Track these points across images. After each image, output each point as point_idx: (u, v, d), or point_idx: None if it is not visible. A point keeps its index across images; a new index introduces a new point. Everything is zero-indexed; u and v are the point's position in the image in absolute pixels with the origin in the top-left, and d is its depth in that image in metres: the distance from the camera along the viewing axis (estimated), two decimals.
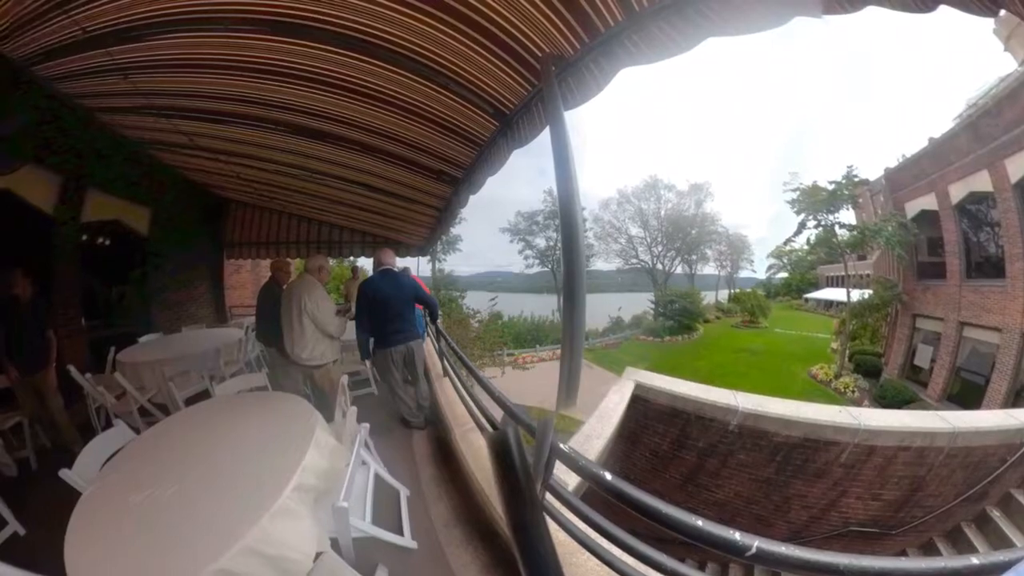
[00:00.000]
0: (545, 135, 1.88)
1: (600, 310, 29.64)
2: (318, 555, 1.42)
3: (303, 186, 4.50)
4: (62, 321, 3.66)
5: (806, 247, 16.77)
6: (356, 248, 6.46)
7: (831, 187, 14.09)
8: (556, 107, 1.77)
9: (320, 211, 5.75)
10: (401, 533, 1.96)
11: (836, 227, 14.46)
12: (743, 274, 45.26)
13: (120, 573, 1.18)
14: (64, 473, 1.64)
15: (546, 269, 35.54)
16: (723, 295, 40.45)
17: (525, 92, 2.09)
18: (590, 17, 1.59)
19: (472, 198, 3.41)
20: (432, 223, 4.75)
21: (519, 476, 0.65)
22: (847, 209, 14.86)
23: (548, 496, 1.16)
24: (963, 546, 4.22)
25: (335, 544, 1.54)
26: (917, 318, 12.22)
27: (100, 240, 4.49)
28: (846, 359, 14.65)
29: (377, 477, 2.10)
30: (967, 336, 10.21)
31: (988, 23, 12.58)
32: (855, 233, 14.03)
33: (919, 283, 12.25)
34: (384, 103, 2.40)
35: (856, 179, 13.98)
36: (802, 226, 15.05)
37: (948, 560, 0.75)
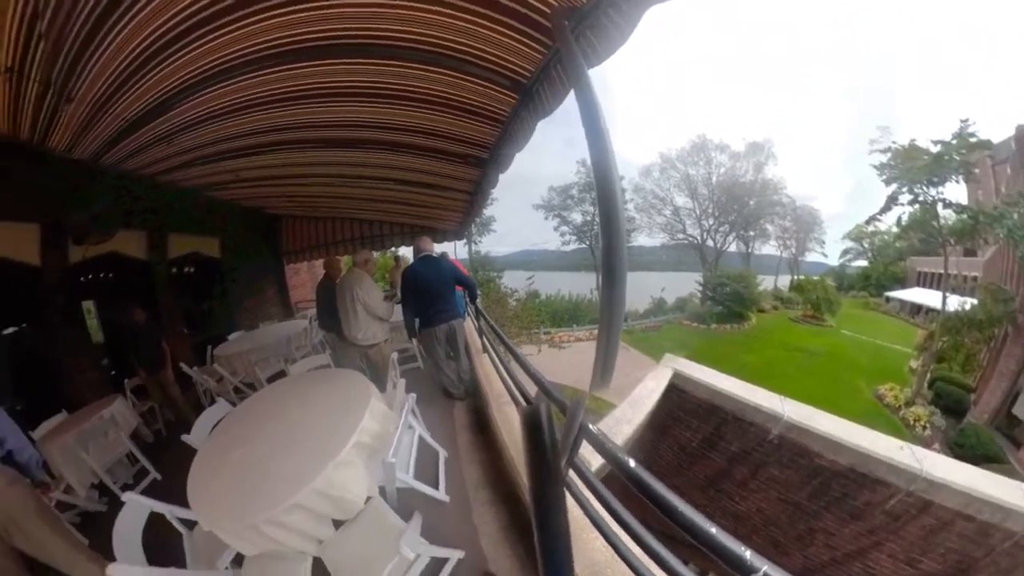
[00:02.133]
0: (570, 100, 1.58)
1: (641, 290, 26.92)
2: (368, 498, 1.71)
3: (341, 192, 4.88)
4: (170, 333, 4.60)
5: (895, 229, 12.82)
6: (396, 239, 6.90)
7: (935, 149, 9.97)
8: (577, 67, 1.45)
9: (359, 211, 6.21)
10: (437, 488, 2.20)
11: (939, 205, 10.39)
12: (810, 258, 36.69)
13: (223, 505, 1.55)
14: (185, 437, 2.16)
15: (584, 246, 32.06)
16: (784, 281, 34.44)
17: (541, 57, 1.83)
18: None
19: (501, 177, 3.24)
20: (464, 207, 4.76)
21: (546, 450, 0.71)
22: (956, 182, 10.40)
23: (571, 473, 1.16)
24: None
25: (382, 491, 1.82)
26: None
27: (186, 270, 5.53)
28: (925, 385, 11.61)
29: (421, 439, 2.37)
30: None
31: None
32: (965, 216, 10.10)
33: None
34: (400, 99, 2.38)
35: (973, 139, 9.75)
36: (892, 201, 11.09)
37: None
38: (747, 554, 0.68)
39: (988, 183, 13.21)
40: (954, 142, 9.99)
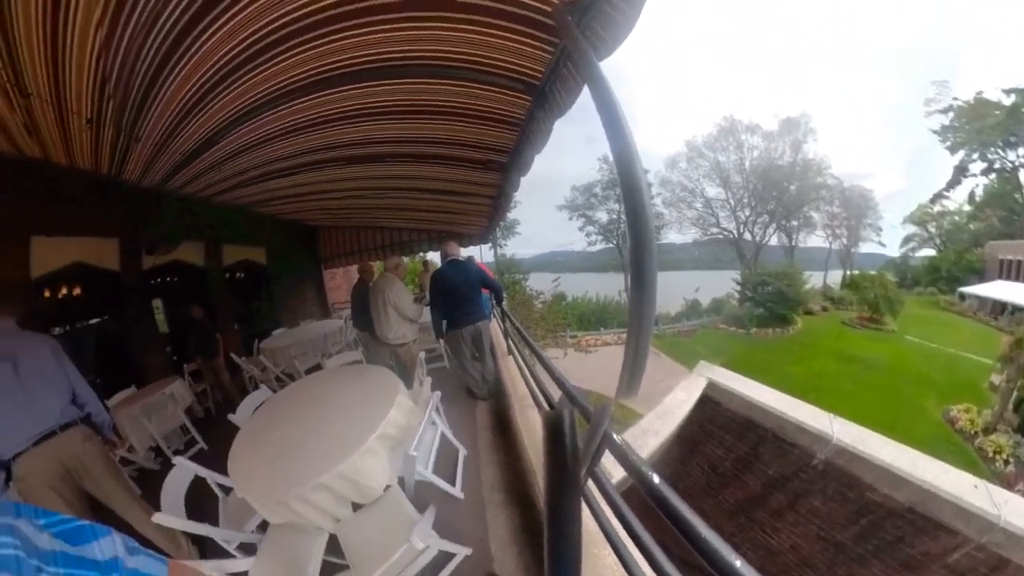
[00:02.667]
0: (585, 96, 1.44)
1: (673, 291, 24.86)
2: (387, 487, 1.80)
3: (371, 203, 5.32)
4: (224, 328, 5.32)
5: (968, 208, 10.50)
6: (424, 245, 7.39)
7: (1011, 100, 8.40)
8: (587, 61, 1.36)
9: (389, 219, 6.68)
10: (453, 484, 2.24)
11: (1022, 172, 8.80)
12: (865, 248, 31.53)
13: (257, 477, 1.71)
14: (230, 416, 2.40)
15: (611, 245, 30.27)
16: (835, 278, 29.71)
17: (549, 56, 1.83)
18: None
19: (523, 180, 3.27)
20: (488, 211, 4.90)
21: (567, 457, 0.71)
22: None
23: (590, 483, 1.09)
24: None
25: (401, 482, 1.89)
26: None
27: (237, 275, 6.35)
28: (1010, 406, 9.51)
29: (442, 436, 2.43)
30: None
31: None
32: None
33: None
34: (418, 113, 2.53)
35: None
36: (961, 171, 9.48)
37: None
38: None
39: None
40: None
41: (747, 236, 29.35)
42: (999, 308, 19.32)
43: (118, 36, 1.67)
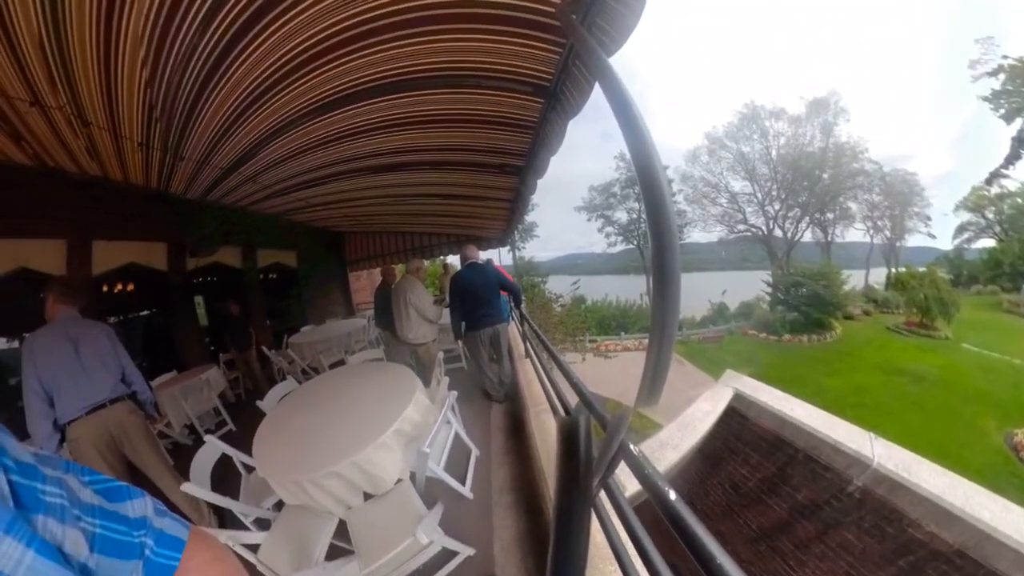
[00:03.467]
0: (598, 94, 1.34)
1: (699, 293, 22.66)
2: (399, 480, 1.86)
3: (393, 209, 5.64)
4: (257, 323, 5.80)
5: None
6: (444, 248, 7.72)
7: None
8: (596, 58, 1.24)
9: (410, 224, 7.08)
10: (464, 484, 2.27)
11: None
12: (912, 241, 27.50)
13: (278, 460, 1.82)
14: (258, 403, 2.59)
15: (632, 246, 28.90)
16: (878, 276, 26.09)
17: (557, 56, 1.82)
18: None
19: (539, 183, 3.26)
20: (506, 215, 4.98)
21: (580, 465, 0.67)
22: None
23: (601, 494, 1.07)
24: None
25: (412, 477, 1.93)
26: None
27: (270, 276, 6.88)
28: None
29: (456, 435, 2.46)
30: None
31: None
32: None
33: None
34: (436, 122, 2.65)
35: None
36: (1021, 143, 7.51)
37: None
38: None
39: None
40: None
41: (778, 232, 26.20)
42: None
43: (160, 69, 1.93)
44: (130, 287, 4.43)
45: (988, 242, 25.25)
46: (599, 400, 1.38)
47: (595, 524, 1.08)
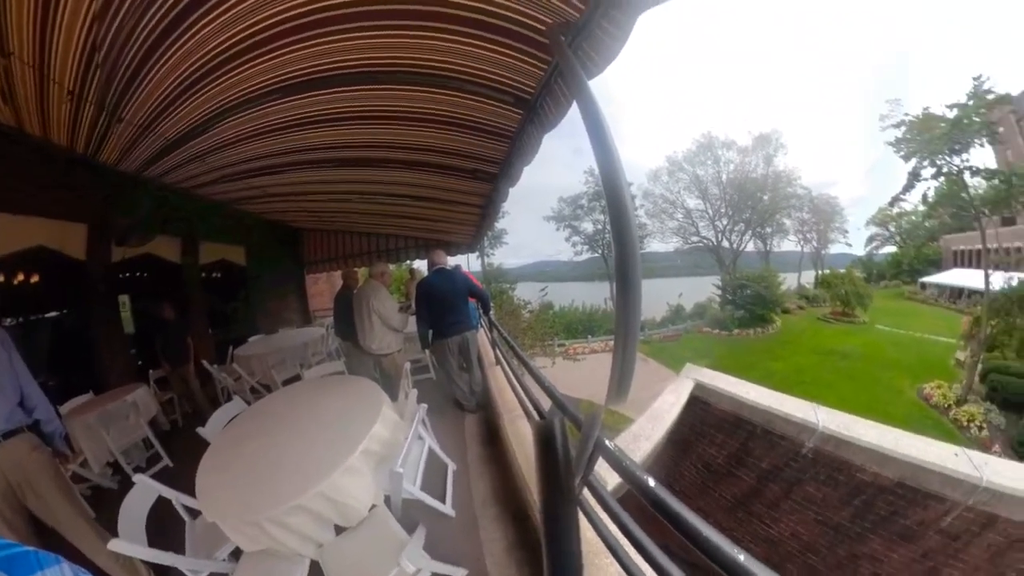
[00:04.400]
0: (574, 111, 1.52)
1: (658, 297, 25.79)
2: (372, 507, 1.70)
3: (359, 208, 5.18)
4: (196, 331, 4.87)
5: (922, 208, 11.78)
6: (411, 252, 7.22)
7: (952, 114, 9.32)
8: (577, 79, 1.45)
9: (376, 225, 6.53)
10: (444, 501, 2.16)
11: (966, 174, 9.60)
12: (834, 249, 34.95)
13: (229, 499, 1.58)
14: (199, 430, 2.23)
15: (596, 255, 32.16)
16: (808, 278, 32.48)
17: (542, 72, 1.92)
18: None
19: (511, 191, 3.32)
20: (476, 221, 4.91)
21: (560, 467, 0.70)
22: (981, 145, 9.53)
23: (585, 491, 1.12)
24: None
25: (387, 501, 1.79)
26: None
27: (214, 274, 5.99)
28: (976, 378, 10.55)
29: (430, 451, 2.34)
30: None
31: None
32: (996, 182, 9.38)
33: None
34: (412, 120, 2.55)
35: (991, 96, 9.04)
36: (914, 177, 10.31)
37: None
38: None
39: (1016, 140, 12.36)
40: (971, 103, 9.24)
41: (725, 243, 31.64)
42: (956, 293, 22.18)
43: (115, 6, 1.57)
44: (35, 278, 3.56)
45: (891, 249, 33.48)
46: (572, 401, 1.43)
47: (583, 521, 1.11)
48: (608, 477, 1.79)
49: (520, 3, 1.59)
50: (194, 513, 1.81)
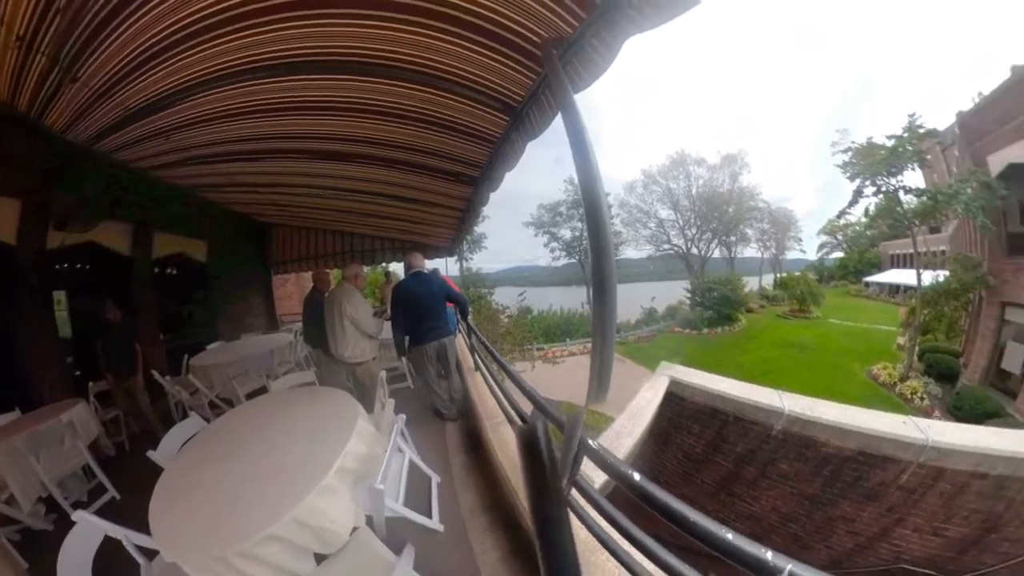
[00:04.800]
0: (558, 122, 1.79)
1: (632, 301, 27.28)
2: (354, 529, 1.57)
3: (333, 204, 4.88)
4: (145, 337, 4.35)
5: (864, 220, 14.23)
6: (387, 254, 6.89)
7: (890, 143, 11.43)
8: (564, 92, 1.66)
9: (351, 224, 6.19)
10: (430, 516, 2.07)
11: (900, 192, 11.74)
12: (790, 255, 39.81)
13: (190, 533, 1.41)
14: (150, 454, 1.99)
15: (574, 260, 34.12)
16: (768, 280, 35.85)
17: (531, 82, 2.00)
18: None
19: (492, 195, 3.41)
20: (456, 224, 4.88)
21: (546, 470, 0.68)
22: (912, 169, 11.71)
23: (573, 492, 1.14)
24: None
25: (370, 521, 1.68)
26: (1007, 307, 9.56)
27: (168, 270, 5.35)
28: (915, 358, 12.22)
29: (411, 464, 2.25)
30: None
31: None
32: (924, 199, 11.45)
33: (1010, 261, 9.45)
34: (395, 117, 2.48)
35: (921, 130, 11.20)
36: (858, 194, 12.38)
37: None
38: (768, 555, 0.67)
39: (940, 166, 15.03)
40: (906, 135, 11.35)
41: (694, 251, 34.86)
42: (894, 290, 26.20)
43: None
44: None
45: (839, 254, 38.64)
46: (553, 404, 1.43)
47: (575, 522, 1.13)
48: (595, 476, 1.85)
49: (517, 13, 1.63)
50: (150, 553, 1.58)
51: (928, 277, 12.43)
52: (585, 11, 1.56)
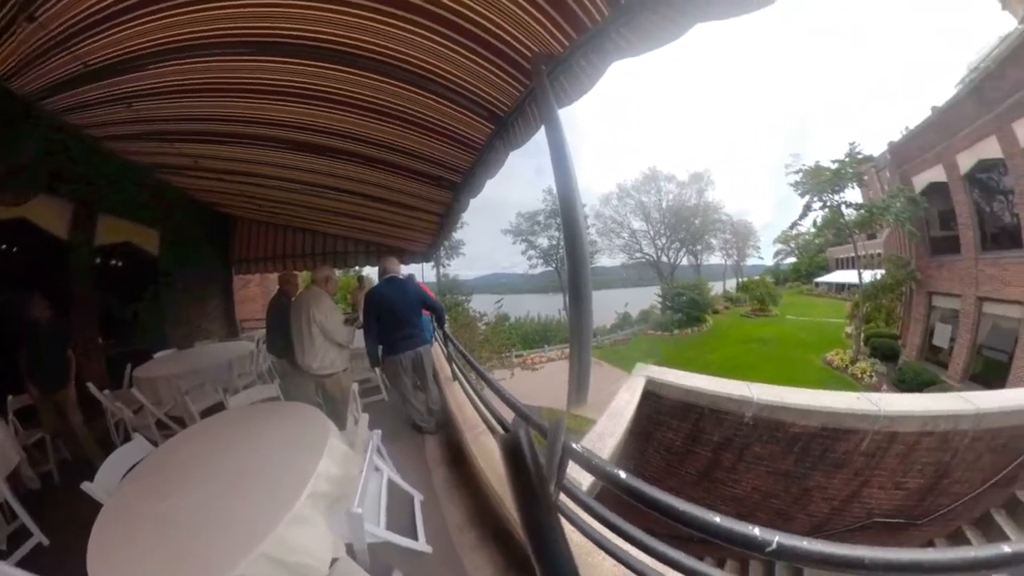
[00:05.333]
0: (541, 135, 1.88)
1: (607, 307, 29.27)
2: (334, 561, 1.44)
3: (306, 200, 4.60)
4: (80, 341, 3.76)
5: (813, 230, 16.38)
6: (361, 258, 6.56)
7: (834, 166, 13.85)
8: (549, 106, 1.76)
9: (324, 223, 5.85)
10: (416, 537, 1.97)
11: (842, 207, 14.14)
12: (750, 262, 44.91)
13: None
14: (86, 486, 1.69)
15: (550, 268, 36.33)
16: (731, 284, 39.95)
17: (518, 93, 2.09)
18: (577, 14, 1.59)
19: (472, 202, 3.44)
20: (434, 229, 4.79)
21: (532, 477, 0.69)
22: (853, 188, 14.53)
23: (562, 496, 1.14)
24: (994, 534, 4.03)
25: (350, 550, 1.55)
26: (933, 296, 11.65)
27: (113, 262, 4.68)
28: (861, 343, 14.15)
29: (390, 482, 2.12)
30: (987, 312, 9.69)
31: None
32: (862, 212, 13.69)
33: (933, 259, 11.62)
34: (379, 114, 2.43)
35: (860, 156, 13.73)
36: (807, 208, 14.85)
37: (978, 549, 0.69)
38: (756, 531, 0.71)
39: (875, 185, 18.21)
40: (847, 159, 13.80)
41: (664, 259, 38.11)
42: (840, 287, 30.17)
43: None
44: None
45: (792, 259, 43.45)
46: (534, 410, 1.42)
47: (567, 526, 1.14)
48: (581, 478, 1.83)
49: (512, 26, 1.68)
50: None
51: (868, 276, 14.67)
52: (576, 32, 1.68)
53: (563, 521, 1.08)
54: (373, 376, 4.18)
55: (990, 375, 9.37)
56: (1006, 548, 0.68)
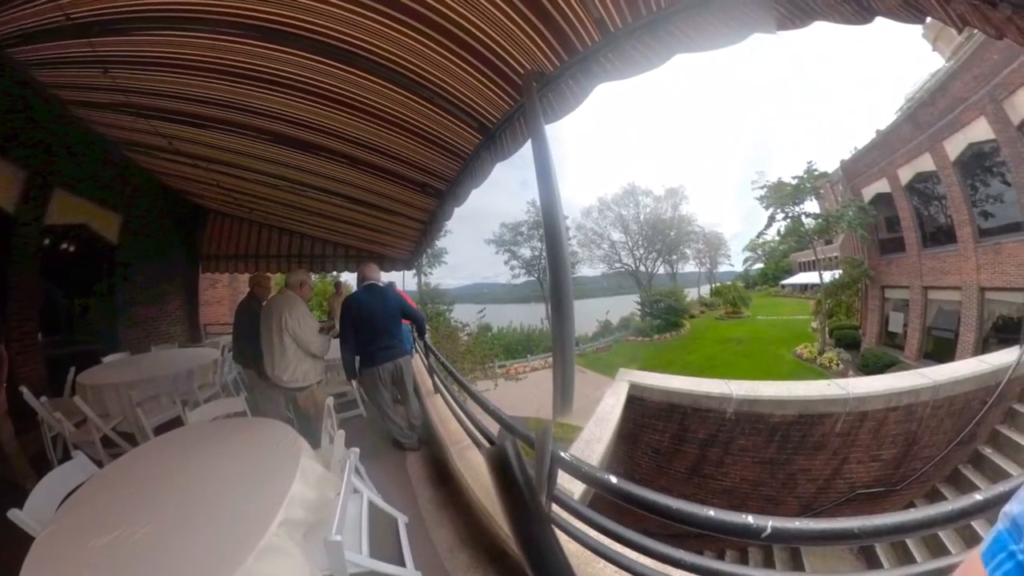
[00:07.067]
0: (527, 148, 2.02)
1: (588, 315, 30.37)
2: None
3: (285, 197, 4.37)
4: (16, 335, 3.35)
5: (777, 238, 18.74)
6: (339, 262, 6.27)
7: (795, 182, 15.94)
8: (537, 121, 1.90)
9: (302, 223, 5.58)
10: (403, 564, 1.85)
11: (802, 217, 16.21)
12: (722, 269, 48.70)
13: None
14: (14, 514, 1.47)
15: (532, 278, 37.10)
16: (705, 290, 43.06)
17: (508, 107, 2.19)
18: (569, 37, 1.72)
19: (456, 210, 3.46)
20: (417, 236, 4.73)
21: (522, 490, 0.64)
22: (811, 200, 17.02)
23: (555, 507, 1.14)
24: (965, 486, 4.47)
25: None
26: (886, 289, 13.48)
27: (64, 245, 4.15)
28: (827, 336, 15.75)
29: (371, 505, 1.99)
30: (932, 298, 11.39)
31: (917, 29, 16.23)
32: (820, 220, 15.71)
33: (883, 258, 13.59)
34: (369, 115, 2.41)
35: (816, 172, 15.85)
36: (772, 219, 16.85)
37: (954, 502, 0.75)
38: (750, 519, 0.73)
39: (830, 197, 20.77)
40: (806, 175, 16.00)
41: (642, 268, 40.38)
42: (804, 288, 33.67)
43: None
44: None
45: (760, 265, 48.47)
46: (520, 421, 1.42)
47: (563, 537, 1.15)
48: (573, 487, 1.84)
49: (507, 42, 1.74)
50: None
51: (828, 276, 17.01)
52: (568, 54, 1.81)
53: (558, 532, 1.04)
54: (350, 389, 3.98)
55: (941, 352, 10.78)
56: (978, 496, 0.74)
